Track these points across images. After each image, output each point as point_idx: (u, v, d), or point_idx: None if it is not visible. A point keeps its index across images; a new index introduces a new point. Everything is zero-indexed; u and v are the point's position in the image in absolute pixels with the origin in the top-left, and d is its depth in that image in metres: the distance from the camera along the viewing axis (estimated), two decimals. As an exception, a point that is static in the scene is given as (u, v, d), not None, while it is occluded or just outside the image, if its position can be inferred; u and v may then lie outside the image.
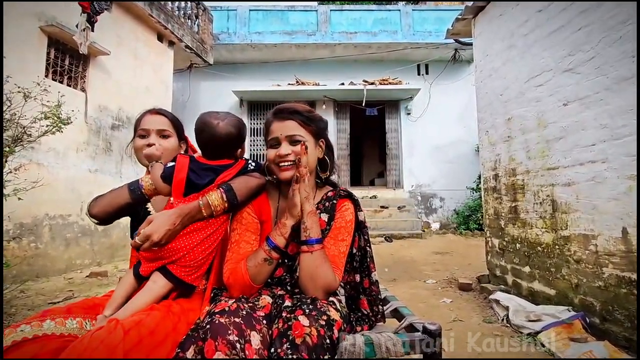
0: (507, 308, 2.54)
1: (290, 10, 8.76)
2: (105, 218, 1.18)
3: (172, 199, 1.16)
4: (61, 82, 4.50)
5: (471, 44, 3.84)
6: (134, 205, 1.20)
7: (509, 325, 2.42)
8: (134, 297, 1.06)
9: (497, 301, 2.68)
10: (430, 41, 8.34)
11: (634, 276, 1.94)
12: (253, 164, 1.25)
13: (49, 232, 4.25)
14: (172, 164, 1.18)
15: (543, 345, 2.05)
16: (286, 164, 1.12)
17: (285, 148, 1.12)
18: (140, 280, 1.12)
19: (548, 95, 2.61)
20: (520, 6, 2.95)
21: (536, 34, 2.75)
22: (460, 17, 3.75)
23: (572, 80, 2.38)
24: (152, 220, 1.04)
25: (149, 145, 1.25)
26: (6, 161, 2.80)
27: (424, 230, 7.50)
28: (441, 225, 8.33)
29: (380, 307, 1.26)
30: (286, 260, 1.16)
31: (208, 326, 0.89)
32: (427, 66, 9.06)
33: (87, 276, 4.18)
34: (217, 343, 0.85)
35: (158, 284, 1.07)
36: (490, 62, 3.35)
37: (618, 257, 2.04)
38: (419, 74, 9.10)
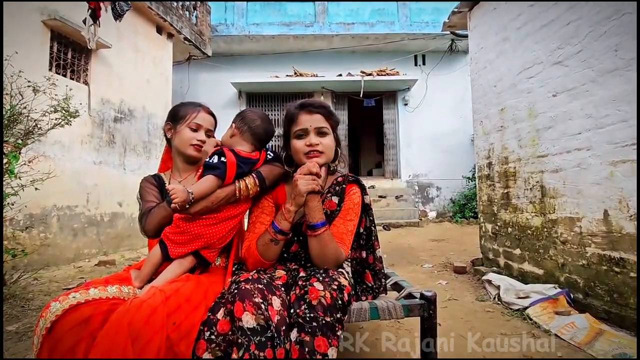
0: (498, 287, 2.71)
1: (288, 1, 8.76)
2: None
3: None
4: (64, 76, 4.56)
5: (466, 36, 3.95)
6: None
7: (500, 302, 2.60)
8: (167, 269, 1.20)
9: (489, 281, 2.85)
10: (428, 32, 8.41)
11: (614, 254, 2.11)
12: (271, 153, 1.39)
13: (57, 223, 4.37)
14: (215, 158, 1.26)
15: (530, 319, 2.23)
16: (315, 151, 1.25)
17: (314, 138, 1.25)
18: (168, 259, 1.25)
19: (539, 86, 2.74)
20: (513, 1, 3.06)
21: (528, 27, 2.87)
22: (456, 9, 3.85)
23: (561, 73, 2.51)
24: None
25: (199, 140, 1.38)
26: (20, 153, 2.91)
27: (421, 219, 7.68)
28: (438, 214, 8.52)
29: (383, 280, 1.41)
30: (300, 238, 1.30)
31: (236, 291, 1.04)
32: (424, 57, 9.14)
33: (95, 265, 4.32)
34: (244, 304, 0.99)
35: (187, 259, 1.22)
36: (484, 55, 3.47)
37: (600, 237, 2.21)
38: (416, 65, 9.18)
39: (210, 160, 1.25)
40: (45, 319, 0.95)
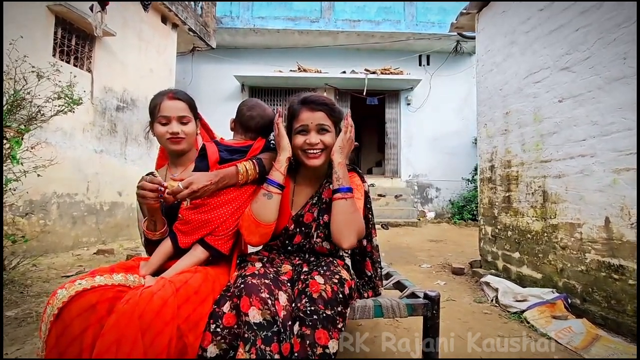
0: (496, 290, 2.73)
1: (294, 1, 8.69)
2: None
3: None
4: (68, 62, 4.53)
5: (473, 37, 3.94)
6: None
7: (497, 305, 2.62)
8: (180, 259, 1.20)
9: (487, 283, 2.87)
10: (433, 32, 8.39)
11: (613, 261, 2.13)
12: (274, 143, 1.38)
13: (57, 210, 4.36)
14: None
15: (528, 322, 2.25)
16: (314, 151, 1.24)
17: (314, 137, 1.24)
18: (178, 250, 1.25)
19: (545, 91, 2.74)
20: (523, 3, 3.05)
21: (537, 31, 2.86)
22: (464, 11, 3.84)
23: (568, 78, 2.52)
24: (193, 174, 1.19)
25: (172, 133, 1.32)
26: (22, 139, 2.89)
27: (419, 219, 7.71)
28: (436, 215, 8.55)
29: (380, 270, 1.41)
30: (303, 229, 1.30)
31: (242, 286, 1.04)
32: (428, 57, 9.12)
33: (94, 253, 4.32)
34: (251, 299, 0.99)
35: (199, 250, 1.22)
36: (491, 57, 3.47)
37: (600, 244, 2.22)
38: (420, 65, 9.16)
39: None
40: (53, 305, 0.95)
